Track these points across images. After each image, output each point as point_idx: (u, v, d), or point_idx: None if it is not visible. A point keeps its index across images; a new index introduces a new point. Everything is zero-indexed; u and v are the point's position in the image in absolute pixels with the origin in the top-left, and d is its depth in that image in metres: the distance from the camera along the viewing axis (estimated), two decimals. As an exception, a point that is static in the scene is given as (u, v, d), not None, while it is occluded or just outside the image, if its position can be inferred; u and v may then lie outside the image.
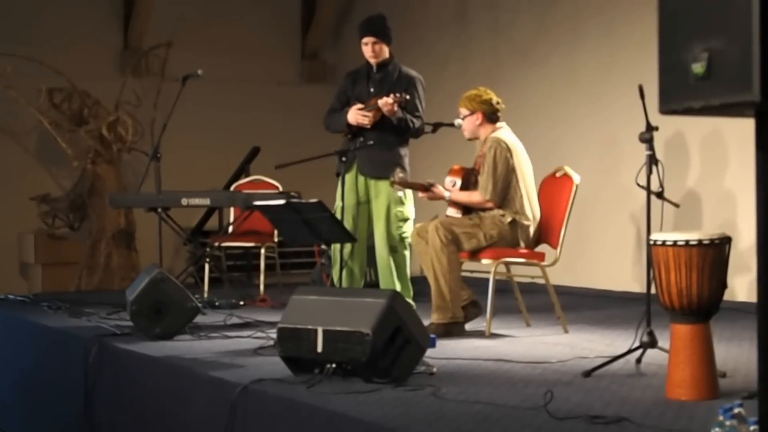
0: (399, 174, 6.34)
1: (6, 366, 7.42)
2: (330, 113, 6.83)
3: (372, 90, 6.68)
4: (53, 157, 10.61)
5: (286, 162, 6.48)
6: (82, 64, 10.53)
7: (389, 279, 6.61)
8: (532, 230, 6.28)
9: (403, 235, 6.57)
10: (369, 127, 6.50)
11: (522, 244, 6.24)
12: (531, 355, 5.36)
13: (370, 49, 6.67)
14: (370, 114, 6.47)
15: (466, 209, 6.38)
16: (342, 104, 6.78)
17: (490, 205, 6.25)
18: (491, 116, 6.37)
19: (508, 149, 6.25)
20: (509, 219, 6.21)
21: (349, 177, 6.58)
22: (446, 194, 6.39)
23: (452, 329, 6.11)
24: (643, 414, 3.89)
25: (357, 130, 6.57)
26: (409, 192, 6.62)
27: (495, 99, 6.40)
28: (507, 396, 4.26)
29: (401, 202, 6.63)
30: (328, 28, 12.05)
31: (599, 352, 5.34)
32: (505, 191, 6.24)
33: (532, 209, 6.29)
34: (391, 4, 11.04)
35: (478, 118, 6.37)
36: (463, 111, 6.41)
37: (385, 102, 6.41)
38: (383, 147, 6.55)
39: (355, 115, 6.52)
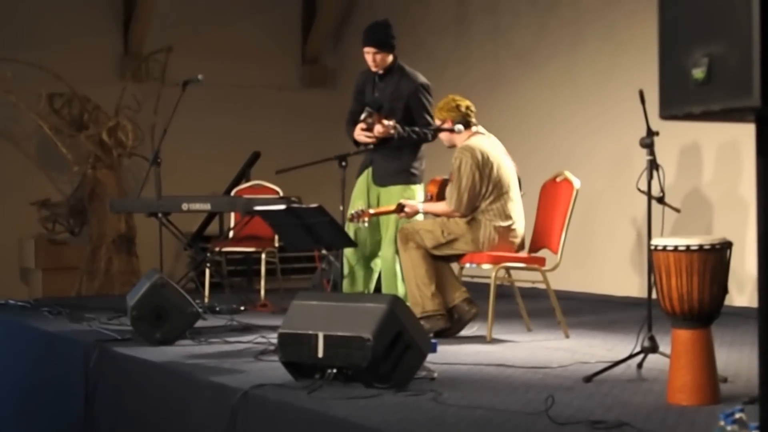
0: (360, 209, 6.41)
1: (6, 371, 7.41)
2: (350, 120, 6.91)
3: (376, 96, 6.76)
4: (53, 162, 10.61)
5: (287, 167, 6.48)
6: (82, 69, 10.52)
7: (392, 283, 6.65)
8: (517, 232, 6.26)
9: None
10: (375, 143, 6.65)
11: (484, 243, 6.20)
12: (532, 360, 5.36)
13: (371, 59, 6.72)
14: (373, 134, 6.61)
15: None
16: (359, 107, 6.86)
17: (457, 215, 6.25)
18: (463, 123, 6.37)
19: (474, 158, 6.20)
20: (470, 217, 6.23)
21: (361, 182, 6.68)
22: (419, 206, 6.42)
23: (426, 323, 6.09)
24: (645, 419, 3.89)
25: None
26: (419, 193, 6.68)
27: (464, 104, 6.39)
28: (508, 401, 4.26)
29: None
30: (328, 32, 12.04)
31: (600, 357, 5.34)
32: (474, 201, 6.22)
33: (507, 213, 6.25)
34: (391, 8, 11.04)
35: (450, 126, 6.37)
36: (437, 122, 6.44)
37: (378, 131, 6.59)
38: (392, 156, 6.66)
39: (360, 136, 6.64)
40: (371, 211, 6.50)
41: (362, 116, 6.69)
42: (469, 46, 10.39)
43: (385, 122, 6.56)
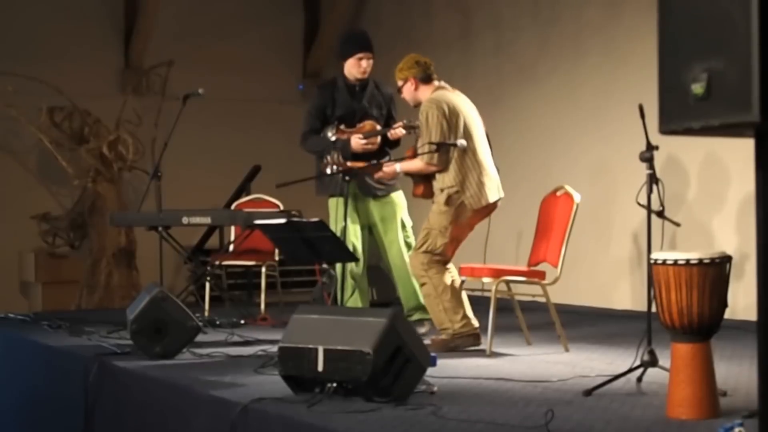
0: (334, 158, 6.42)
1: (6, 385, 7.41)
2: (313, 135, 6.92)
3: (364, 104, 6.81)
4: (54, 176, 10.62)
5: (287, 181, 6.49)
6: (82, 82, 10.54)
7: (409, 285, 6.79)
8: (486, 183, 6.25)
9: (408, 240, 6.95)
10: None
11: (471, 203, 6.21)
12: (532, 374, 5.36)
13: (365, 65, 6.76)
14: (375, 140, 6.67)
15: (426, 178, 6.37)
16: (322, 123, 6.89)
17: (433, 168, 6.26)
18: (424, 77, 6.44)
19: (440, 109, 6.21)
20: (444, 198, 6.24)
21: (342, 202, 6.72)
22: (396, 166, 6.48)
23: (457, 342, 6.21)
24: (644, 433, 3.89)
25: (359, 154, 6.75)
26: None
27: (423, 60, 6.47)
28: (508, 415, 4.26)
29: (403, 208, 6.98)
30: (330, 46, 12.03)
31: (600, 371, 5.34)
32: (446, 152, 6.23)
33: (479, 159, 6.26)
34: (397, 23, 11.10)
35: (412, 83, 6.44)
36: (399, 83, 6.50)
37: (393, 134, 6.74)
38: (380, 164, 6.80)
39: (360, 144, 6.68)
40: (348, 164, 6.52)
41: (330, 132, 6.78)
42: (472, 61, 10.42)
43: (402, 124, 6.65)
